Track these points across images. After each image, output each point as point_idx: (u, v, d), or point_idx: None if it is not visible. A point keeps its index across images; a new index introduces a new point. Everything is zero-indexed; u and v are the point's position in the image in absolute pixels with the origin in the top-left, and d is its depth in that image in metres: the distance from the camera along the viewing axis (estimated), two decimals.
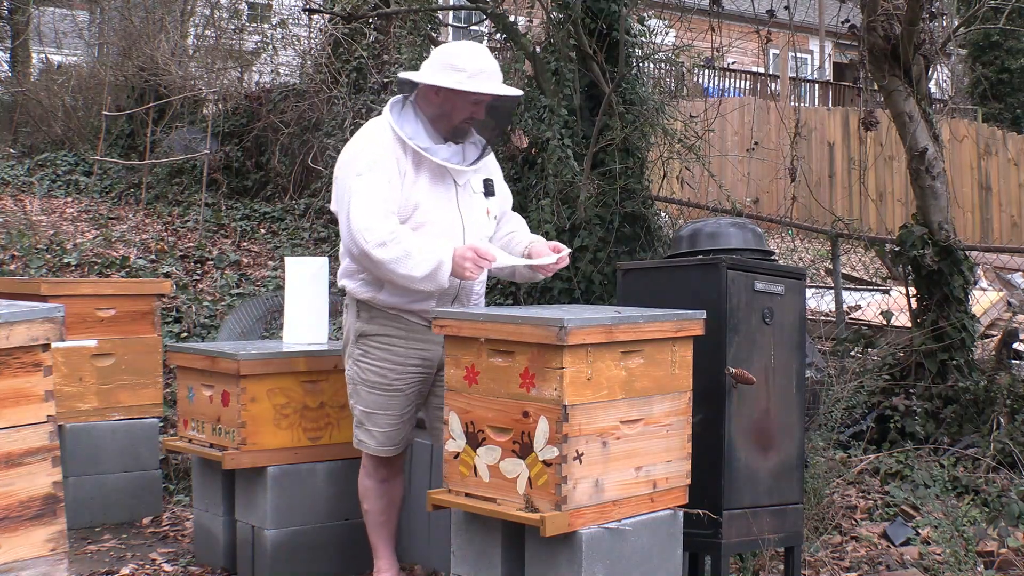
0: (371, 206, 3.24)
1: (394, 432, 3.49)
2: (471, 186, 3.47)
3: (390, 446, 3.51)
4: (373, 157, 3.31)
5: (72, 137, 11.87)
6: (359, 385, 3.48)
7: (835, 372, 5.22)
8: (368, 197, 3.25)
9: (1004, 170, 15.14)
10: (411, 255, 3.19)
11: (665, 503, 3.06)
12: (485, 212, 3.49)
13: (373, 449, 3.51)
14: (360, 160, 3.32)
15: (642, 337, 2.94)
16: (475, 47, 3.45)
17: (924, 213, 5.62)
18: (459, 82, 3.30)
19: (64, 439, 4.48)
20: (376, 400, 3.45)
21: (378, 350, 3.43)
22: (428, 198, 3.35)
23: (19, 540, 2.32)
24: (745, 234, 3.81)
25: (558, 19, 6.14)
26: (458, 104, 3.35)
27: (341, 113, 8.82)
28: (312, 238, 8.72)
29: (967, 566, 3.88)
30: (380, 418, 3.47)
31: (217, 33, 11.64)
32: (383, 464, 3.56)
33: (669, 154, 6.37)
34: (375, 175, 3.28)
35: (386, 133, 3.37)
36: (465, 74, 3.31)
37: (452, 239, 3.34)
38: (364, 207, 3.24)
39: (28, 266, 7.30)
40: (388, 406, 3.45)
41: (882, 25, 5.52)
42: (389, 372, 3.42)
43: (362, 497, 3.61)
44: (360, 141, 3.41)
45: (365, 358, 3.45)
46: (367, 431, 3.50)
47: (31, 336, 2.35)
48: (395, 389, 3.44)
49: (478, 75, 3.31)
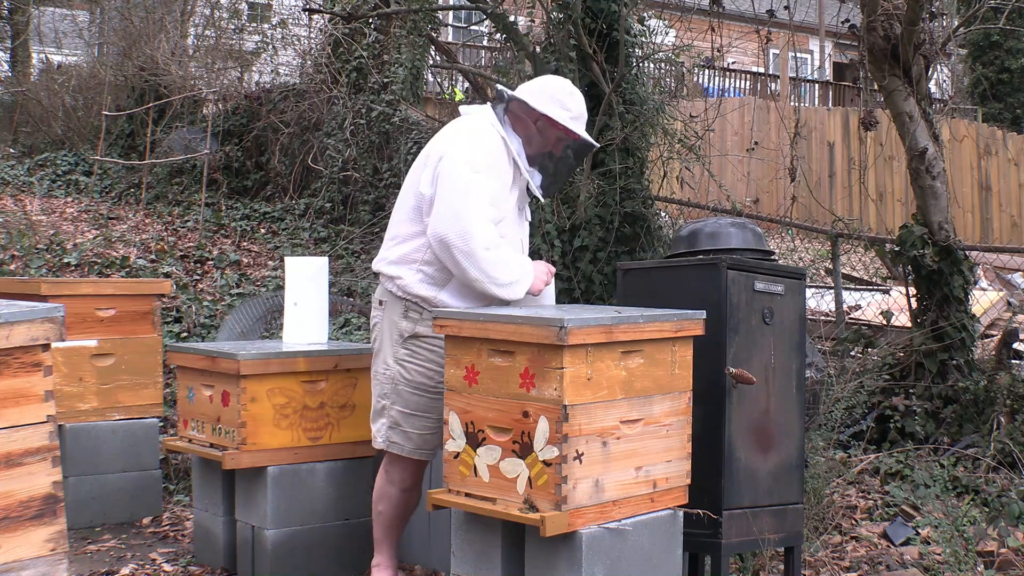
0: (484, 208, 3.22)
1: (431, 436, 3.40)
2: (527, 211, 3.58)
3: (427, 449, 3.43)
4: (493, 160, 3.32)
5: (72, 137, 11.88)
6: (402, 386, 3.39)
7: (835, 372, 5.22)
8: (483, 198, 3.23)
9: (1004, 170, 15.14)
10: (509, 263, 3.25)
11: (665, 503, 3.06)
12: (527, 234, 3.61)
13: (409, 451, 3.42)
14: (479, 157, 3.28)
15: (642, 337, 2.94)
16: (577, 90, 3.53)
17: (924, 213, 5.63)
18: (565, 120, 3.41)
19: (64, 439, 4.48)
20: (419, 402, 3.38)
21: (428, 351, 3.36)
22: (512, 214, 3.41)
23: (19, 540, 2.32)
24: (745, 234, 3.81)
25: (558, 19, 6.14)
26: (550, 137, 3.45)
27: (341, 113, 8.83)
28: (312, 238, 8.72)
29: (967, 566, 3.88)
30: (420, 420, 3.39)
31: (217, 33, 11.65)
32: (410, 473, 3.48)
33: (669, 154, 6.37)
34: (492, 178, 3.28)
35: (497, 139, 3.36)
36: (570, 114, 3.42)
37: None
38: (477, 207, 3.21)
39: (28, 266, 7.30)
40: (431, 408, 3.37)
41: (882, 25, 5.52)
42: (435, 374, 3.35)
43: (378, 499, 3.53)
44: (476, 136, 3.35)
45: (412, 359, 3.38)
46: (403, 432, 3.41)
47: (31, 336, 2.35)
48: (439, 392, 3.31)
49: (579, 118, 3.45)
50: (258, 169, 10.09)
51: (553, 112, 3.38)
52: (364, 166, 8.67)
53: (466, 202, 3.20)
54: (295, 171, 9.47)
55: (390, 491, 3.49)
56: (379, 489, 3.53)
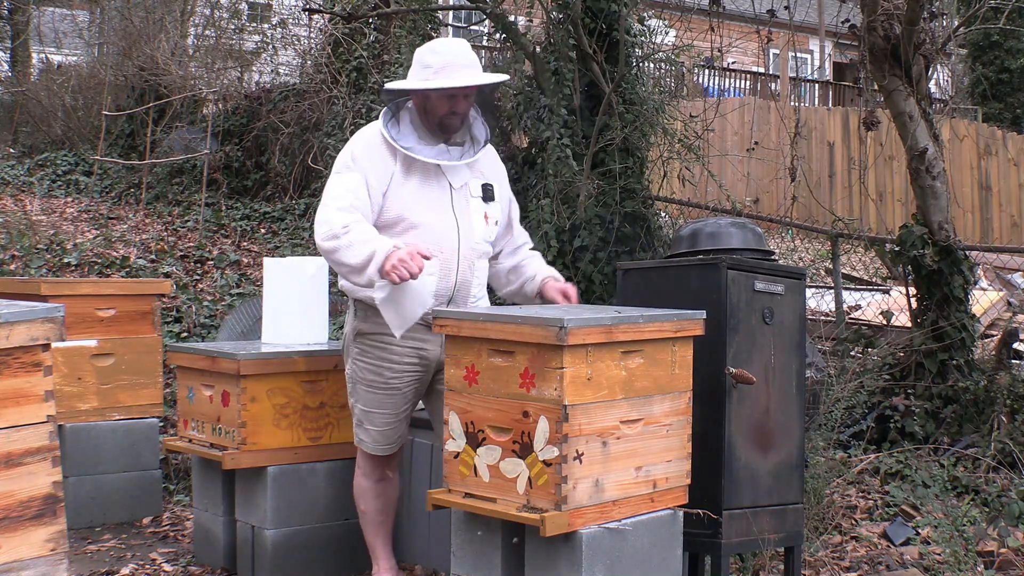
0: (335, 201, 3.27)
1: (390, 431, 3.49)
2: (469, 190, 3.46)
3: (385, 444, 3.51)
4: (353, 156, 3.37)
5: (72, 137, 11.88)
6: (358, 384, 3.48)
7: (835, 372, 5.21)
8: (336, 193, 3.29)
9: (1004, 170, 15.14)
10: (352, 245, 3.19)
11: (665, 503, 3.06)
12: (483, 216, 3.48)
13: (370, 448, 3.51)
14: (340, 160, 3.39)
15: (642, 337, 2.94)
16: (444, 41, 3.46)
17: (924, 213, 5.62)
18: (425, 79, 3.34)
19: (64, 439, 4.48)
20: (373, 398, 3.46)
21: (375, 348, 3.43)
22: (418, 200, 3.36)
23: (19, 540, 2.32)
24: (745, 234, 3.81)
25: (558, 19, 6.14)
26: (432, 100, 3.37)
27: (341, 113, 8.82)
28: (312, 238, 8.71)
29: (967, 566, 3.88)
30: (377, 417, 3.47)
31: (217, 33, 11.64)
32: (380, 464, 3.56)
33: (669, 154, 6.37)
34: (351, 172, 3.33)
35: (376, 136, 3.40)
36: (431, 70, 3.34)
37: (447, 241, 3.36)
38: (328, 202, 3.29)
39: (28, 266, 7.29)
40: (385, 404, 3.45)
41: (882, 25, 5.52)
42: (386, 370, 3.42)
43: (358, 497, 3.60)
44: (349, 143, 3.45)
45: (363, 357, 3.45)
46: (365, 429, 3.50)
47: (31, 336, 2.35)
48: (391, 388, 3.44)
49: (443, 69, 3.32)
50: (258, 169, 10.09)
51: (412, 80, 3.37)
52: None
53: (320, 205, 3.31)
54: (295, 171, 9.47)
55: (364, 484, 3.57)
56: (356, 487, 3.61)
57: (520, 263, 3.68)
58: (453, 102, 3.36)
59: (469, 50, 3.41)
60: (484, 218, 3.48)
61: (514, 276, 3.68)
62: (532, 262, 3.69)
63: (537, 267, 3.68)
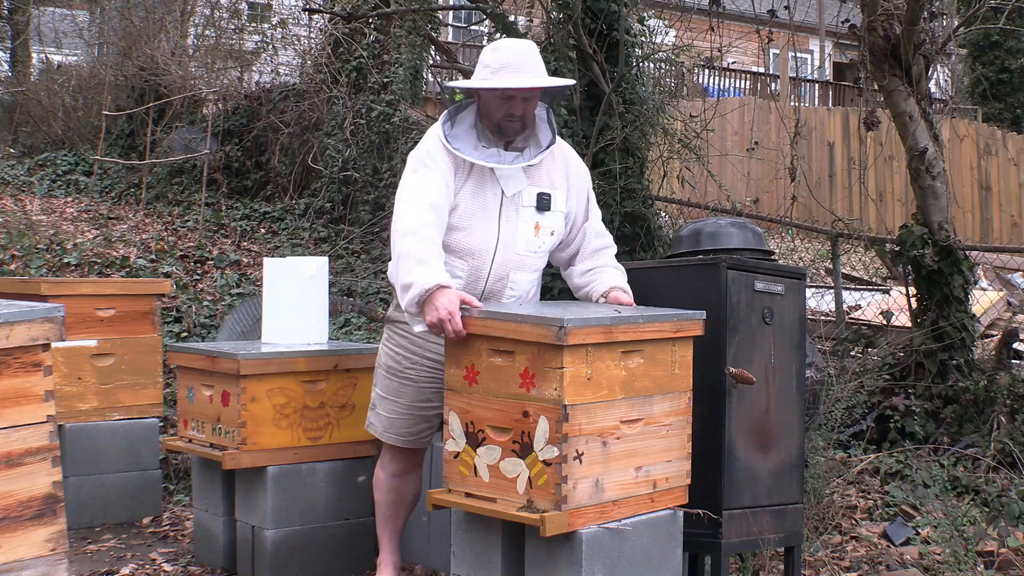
0: (416, 196, 3.20)
1: (399, 420, 3.44)
2: (521, 198, 3.32)
3: (394, 433, 3.46)
4: (428, 153, 3.29)
5: (72, 137, 11.88)
6: (380, 368, 3.50)
7: (835, 372, 5.21)
8: (416, 190, 3.22)
9: (1004, 170, 15.14)
10: (410, 257, 3.09)
11: (665, 503, 3.06)
12: (534, 228, 3.35)
13: (379, 433, 3.50)
14: (414, 159, 3.32)
15: (642, 337, 2.94)
16: (507, 41, 3.37)
17: (924, 213, 5.62)
18: (483, 79, 3.26)
19: (64, 439, 4.47)
20: (389, 385, 3.45)
21: (399, 336, 3.43)
22: (468, 204, 3.28)
23: (19, 540, 2.32)
24: (745, 234, 3.81)
25: (558, 19, 6.14)
26: (487, 102, 3.29)
27: (341, 113, 8.83)
28: (312, 238, 8.72)
29: (967, 566, 3.88)
30: (389, 404, 3.46)
31: (217, 33, 11.65)
32: (396, 457, 3.52)
33: (669, 154, 6.37)
34: (428, 172, 3.25)
35: (430, 138, 3.36)
36: (489, 69, 3.25)
37: (482, 249, 3.30)
38: (408, 196, 3.22)
39: (28, 266, 7.29)
40: (398, 393, 3.43)
41: (882, 25, 5.52)
42: (403, 359, 3.41)
43: (374, 487, 3.60)
44: (422, 141, 3.39)
45: (388, 342, 3.47)
46: (377, 414, 3.50)
47: (31, 336, 2.35)
48: (406, 378, 3.41)
49: (501, 69, 3.23)
50: (258, 169, 10.09)
51: (474, 82, 3.29)
52: (364, 166, 8.68)
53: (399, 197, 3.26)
54: (295, 171, 9.47)
55: (379, 475, 3.57)
56: (375, 476, 3.61)
57: (594, 268, 3.49)
58: (510, 104, 3.24)
59: (532, 51, 3.29)
60: (535, 228, 3.36)
61: (584, 281, 3.50)
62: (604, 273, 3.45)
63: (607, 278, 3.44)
